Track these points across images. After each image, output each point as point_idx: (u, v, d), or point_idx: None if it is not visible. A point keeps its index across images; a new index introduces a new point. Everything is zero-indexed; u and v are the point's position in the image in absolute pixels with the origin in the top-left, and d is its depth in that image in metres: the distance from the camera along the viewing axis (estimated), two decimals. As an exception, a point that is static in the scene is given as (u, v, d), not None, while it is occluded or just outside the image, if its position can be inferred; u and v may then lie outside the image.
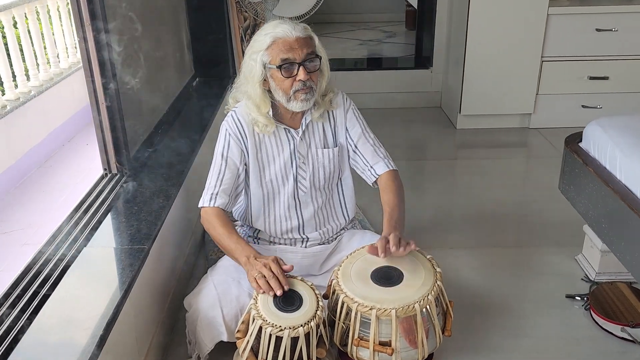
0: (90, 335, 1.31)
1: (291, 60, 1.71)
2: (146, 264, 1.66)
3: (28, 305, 1.44)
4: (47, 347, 1.32)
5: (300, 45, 1.71)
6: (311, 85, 1.75)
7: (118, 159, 2.07)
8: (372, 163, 1.93)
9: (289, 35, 1.70)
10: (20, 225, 2.83)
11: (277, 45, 1.71)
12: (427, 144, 3.76)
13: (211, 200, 1.80)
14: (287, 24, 1.74)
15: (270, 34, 1.72)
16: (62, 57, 4.44)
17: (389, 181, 1.89)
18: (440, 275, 1.68)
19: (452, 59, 3.87)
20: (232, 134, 1.85)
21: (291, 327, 1.54)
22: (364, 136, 1.94)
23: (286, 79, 1.73)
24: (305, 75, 1.72)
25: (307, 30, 1.76)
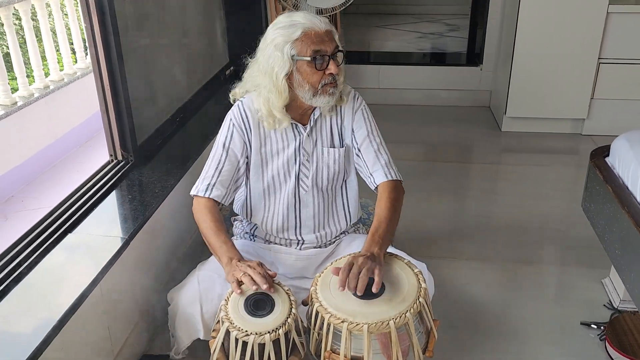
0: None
1: (323, 52, 1.64)
2: (127, 253, 1.66)
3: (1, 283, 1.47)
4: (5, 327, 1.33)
5: (330, 38, 1.65)
6: (337, 79, 1.69)
7: (123, 146, 2.08)
8: (372, 170, 1.82)
9: (319, 27, 1.63)
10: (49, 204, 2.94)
11: (308, 37, 1.63)
12: (469, 145, 3.59)
13: (207, 190, 1.75)
14: (312, 15, 1.67)
15: (299, 24, 1.64)
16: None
17: (384, 192, 1.77)
18: (425, 291, 1.56)
19: (502, 57, 3.65)
20: (237, 124, 1.79)
21: (257, 333, 1.48)
22: (368, 139, 1.82)
23: (317, 72, 1.65)
24: (336, 68, 1.66)
25: (330, 25, 1.70)
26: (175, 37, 2.57)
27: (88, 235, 1.70)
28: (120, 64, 1.99)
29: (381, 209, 1.74)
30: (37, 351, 1.27)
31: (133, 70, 2.09)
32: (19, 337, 1.31)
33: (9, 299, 1.43)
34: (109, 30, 1.94)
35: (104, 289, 1.57)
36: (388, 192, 1.77)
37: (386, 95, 4.05)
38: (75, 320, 1.42)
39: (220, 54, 3.18)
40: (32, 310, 1.40)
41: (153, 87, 2.32)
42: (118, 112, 2.03)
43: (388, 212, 1.73)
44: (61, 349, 1.37)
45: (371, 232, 1.67)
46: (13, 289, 1.46)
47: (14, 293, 1.45)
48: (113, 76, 2.00)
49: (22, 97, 3.63)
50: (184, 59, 2.67)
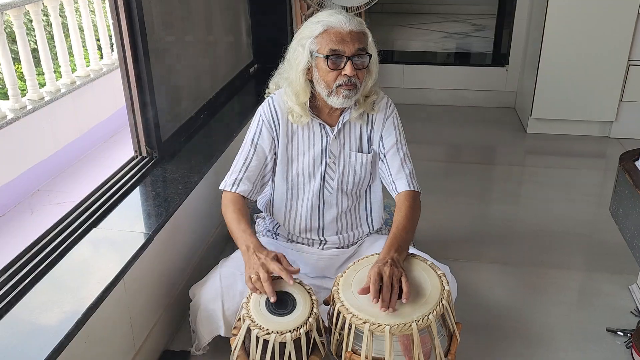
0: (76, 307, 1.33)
1: (340, 52, 1.62)
2: (150, 249, 1.67)
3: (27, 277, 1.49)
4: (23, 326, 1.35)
5: (352, 39, 1.62)
6: (356, 83, 1.66)
7: (148, 142, 2.09)
8: (395, 178, 1.80)
9: (342, 27, 1.61)
10: (74, 197, 2.99)
11: (328, 35, 1.62)
12: (494, 146, 3.54)
13: (234, 185, 1.75)
14: (343, 14, 1.64)
15: (323, 21, 1.63)
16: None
17: (405, 201, 1.76)
18: (449, 294, 1.55)
19: (529, 58, 3.59)
20: (266, 120, 1.79)
21: (278, 332, 1.48)
22: (395, 147, 1.80)
23: (331, 71, 1.64)
24: (352, 70, 1.63)
25: (362, 25, 1.66)
26: (201, 34, 2.59)
27: (112, 230, 1.72)
28: (146, 61, 2.00)
29: (401, 216, 1.73)
30: (61, 344, 1.29)
31: (158, 68, 2.10)
32: (44, 329, 1.33)
33: (35, 291, 1.45)
34: (136, 27, 1.95)
35: (128, 283, 1.58)
36: (409, 201, 1.77)
37: (410, 95, 4.02)
38: (99, 314, 1.43)
39: (245, 52, 3.19)
40: (57, 303, 1.41)
41: (178, 85, 2.33)
42: (143, 108, 2.05)
43: (407, 220, 1.72)
44: (85, 342, 1.39)
45: (390, 238, 1.66)
46: (39, 281, 1.48)
47: (40, 286, 1.47)
48: (139, 73, 2.01)
49: (49, 93, 3.69)
50: (208, 56, 2.68)
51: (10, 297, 1.41)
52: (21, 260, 1.56)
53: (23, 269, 1.52)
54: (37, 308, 1.40)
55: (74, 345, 1.32)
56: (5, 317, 1.36)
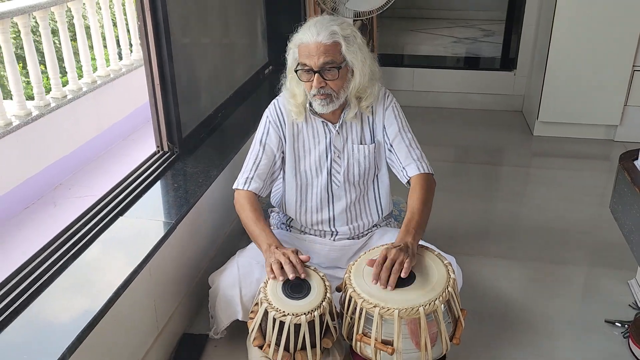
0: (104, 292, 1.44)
1: (308, 67, 1.71)
2: (172, 237, 1.77)
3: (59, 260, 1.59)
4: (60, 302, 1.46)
5: (319, 53, 1.68)
6: (328, 93, 1.74)
7: (169, 138, 2.20)
8: (404, 164, 1.88)
9: (309, 41, 1.69)
10: (94, 192, 3.11)
11: (301, 48, 1.72)
12: (501, 148, 3.62)
13: (245, 183, 1.86)
14: (316, 26, 1.71)
15: (299, 34, 1.73)
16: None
17: (417, 185, 1.84)
18: (454, 282, 1.64)
19: (536, 62, 3.68)
20: (272, 121, 1.90)
21: (294, 314, 1.58)
22: (400, 135, 1.89)
23: (305, 82, 1.75)
24: (318, 83, 1.71)
25: (335, 36, 1.70)
26: (219, 37, 2.70)
27: (138, 219, 1.83)
28: (170, 61, 2.10)
29: (414, 200, 1.81)
30: (93, 322, 1.38)
31: (180, 68, 2.20)
32: (77, 308, 1.43)
33: (67, 274, 1.55)
34: (161, 30, 2.05)
35: (152, 269, 1.68)
36: (421, 184, 1.84)
37: (420, 98, 4.11)
38: (126, 296, 1.53)
39: (260, 54, 3.29)
40: (87, 285, 1.52)
41: (197, 84, 2.44)
42: (166, 106, 2.15)
43: (421, 204, 1.79)
44: (113, 322, 1.49)
45: (405, 223, 1.75)
46: (70, 265, 1.59)
47: (71, 269, 1.57)
48: (163, 73, 2.11)
49: (71, 91, 3.82)
50: (226, 58, 2.79)
51: (44, 279, 1.51)
52: (53, 245, 1.66)
53: (55, 253, 1.62)
54: (69, 289, 1.50)
55: (104, 323, 1.42)
56: (41, 296, 1.46)
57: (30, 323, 1.38)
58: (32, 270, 1.54)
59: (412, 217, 1.76)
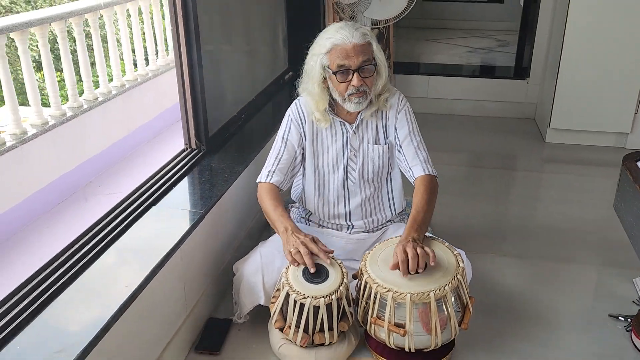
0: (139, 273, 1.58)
1: (347, 67, 1.83)
2: (201, 226, 1.91)
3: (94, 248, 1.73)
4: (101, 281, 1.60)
5: (357, 53, 1.82)
6: (365, 90, 1.87)
7: (197, 137, 2.34)
8: (411, 164, 2.00)
9: (346, 43, 1.82)
10: (122, 189, 3.28)
11: (335, 51, 1.83)
12: (513, 154, 3.72)
13: (268, 176, 2.00)
14: (348, 29, 1.84)
15: (331, 39, 1.84)
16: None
17: (421, 185, 1.96)
18: (463, 270, 1.76)
19: (548, 71, 3.79)
20: (294, 119, 2.04)
21: (313, 297, 1.71)
22: (409, 137, 2.01)
23: (341, 83, 1.87)
24: (359, 81, 1.84)
25: (366, 37, 1.85)
26: (243, 43, 2.85)
27: (169, 208, 1.97)
28: (199, 66, 2.25)
29: (418, 199, 1.93)
30: (130, 299, 1.52)
31: (208, 72, 2.34)
32: (115, 286, 1.56)
33: (108, 255, 1.69)
34: (192, 36, 2.20)
35: (183, 254, 1.82)
36: (425, 184, 1.96)
37: (434, 105, 4.23)
38: (159, 277, 1.66)
39: (281, 60, 3.44)
40: (125, 265, 1.66)
41: (223, 87, 2.59)
42: (195, 106, 2.30)
43: (425, 202, 1.92)
44: (149, 301, 1.62)
45: (410, 220, 1.87)
46: (110, 247, 1.73)
47: (111, 252, 1.71)
48: (192, 76, 2.25)
49: (102, 94, 4.01)
50: (249, 63, 2.95)
51: (88, 258, 1.66)
52: (93, 230, 1.81)
53: (95, 237, 1.77)
54: (109, 268, 1.64)
55: (140, 301, 1.55)
56: (86, 271, 1.60)
57: (78, 292, 1.52)
58: (77, 249, 1.69)
59: (417, 214, 1.88)
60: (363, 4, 3.26)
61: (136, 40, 4.41)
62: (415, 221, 1.86)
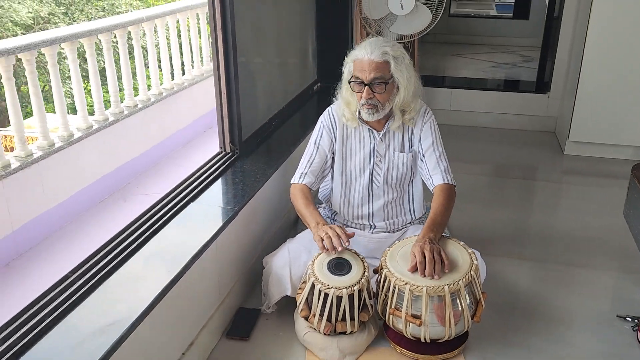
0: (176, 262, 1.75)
1: (360, 79, 2.02)
2: (234, 222, 2.08)
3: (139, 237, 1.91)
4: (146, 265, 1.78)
5: (371, 69, 1.99)
6: (375, 104, 2.03)
7: (232, 141, 2.53)
8: (432, 173, 2.15)
9: (364, 58, 2.00)
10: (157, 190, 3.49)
11: (356, 63, 2.03)
12: (533, 166, 3.83)
13: (300, 178, 2.18)
14: (370, 46, 2.01)
15: (356, 51, 2.04)
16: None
17: (440, 192, 2.10)
18: (477, 267, 1.89)
19: (568, 85, 3.89)
20: (326, 125, 2.21)
21: (337, 287, 1.86)
22: (432, 148, 2.16)
23: (356, 92, 2.06)
24: (367, 94, 2.01)
25: (385, 56, 2.00)
26: (275, 55, 3.03)
27: (206, 205, 2.15)
28: (235, 76, 2.42)
29: (437, 204, 2.08)
30: (170, 284, 1.68)
31: (243, 82, 2.52)
32: (155, 274, 1.73)
33: (150, 246, 1.86)
34: (229, 48, 2.38)
35: (218, 246, 1.99)
36: (444, 192, 2.11)
37: (457, 117, 4.37)
38: (196, 266, 1.82)
39: (310, 72, 3.62)
40: (166, 255, 1.83)
41: (256, 96, 2.77)
42: (230, 113, 2.48)
43: (442, 207, 2.07)
44: (187, 287, 1.79)
45: (428, 221, 2.01)
46: (152, 238, 1.90)
47: (153, 242, 1.88)
48: (229, 85, 2.44)
49: (141, 101, 4.25)
50: (281, 74, 3.13)
51: (133, 247, 1.84)
52: (138, 222, 1.99)
53: (139, 229, 1.95)
54: (150, 257, 1.81)
55: (179, 287, 1.71)
56: (131, 260, 1.78)
57: (124, 278, 1.69)
58: (123, 239, 1.87)
59: (435, 217, 2.02)
60: (389, 19, 3.42)
61: (174, 51, 4.66)
62: (433, 223, 2.00)
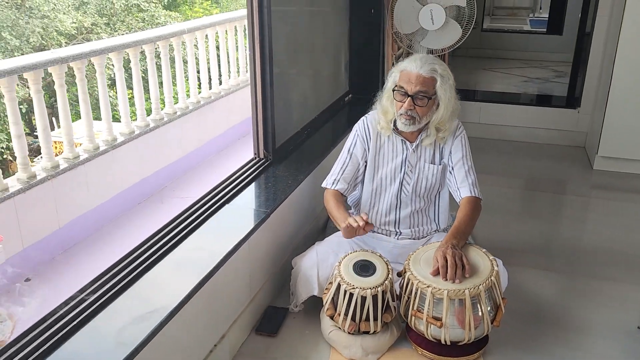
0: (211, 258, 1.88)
1: (404, 90, 2.11)
2: (266, 224, 2.20)
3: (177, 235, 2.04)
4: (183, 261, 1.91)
5: (417, 82, 2.08)
6: (413, 116, 2.12)
7: (265, 148, 2.65)
8: (459, 186, 2.23)
9: (412, 70, 2.10)
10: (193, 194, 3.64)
11: (403, 74, 2.13)
12: (561, 179, 3.86)
13: (333, 184, 2.28)
14: (421, 61, 2.11)
15: (405, 63, 2.15)
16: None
17: (467, 204, 2.18)
18: (497, 273, 1.96)
19: (598, 101, 3.92)
20: (360, 134, 2.32)
21: (361, 287, 1.96)
22: (461, 162, 2.24)
23: (397, 101, 2.15)
24: (408, 105, 2.10)
25: (434, 72, 2.09)
26: (309, 68, 3.16)
27: (240, 207, 2.27)
28: (270, 86, 2.55)
29: (462, 214, 2.16)
30: (206, 278, 1.80)
31: (277, 92, 2.64)
32: (194, 266, 1.84)
33: (188, 242, 1.99)
34: (266, 60, 2.51)
35: (251, 245, 2.11)
36: (470, 204, 2.19)
37: (486, 130, 4.42)
38: (230, 263, 1.94)
39: (342, 84, 3.74)
40: (202, 251, 1.94)
41: (290, 106, 2.90)
42: (264, 121, 2.61)
43: (467, 218, 2.14)
44: (221, 282, 1.90)
45: (452, 229, 2.10)
46: (190, 235, 2.03)
47: (192, 238, 2.01)
48: (264, 94, 2.56)
49: (180, 109, 4.45)
50: (313, 85, 3.26)
51: (173, 243, 1.97)
52: (175, 222, 2.13)
53: (177, 227, 2.08)
54: (187, 254, 1.93)
55: (213, 281, 1.83)
56: (169, 255, 1.91)
57: (164, 271, 1.82)
58: (163, 236, 2.00)
59: (459, 225, 2.10)
60: (420, 34, 3.52)
61: (212, 62, 4.85)
62: (457, 230, 2.08)
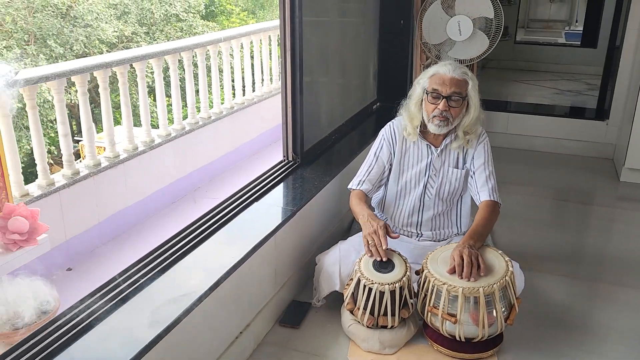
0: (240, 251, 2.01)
1: (439, 92, 2.21)
2: (292, 221, 2.31)
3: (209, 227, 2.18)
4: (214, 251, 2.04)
5: (451, 84, 2.18)
6: (447, 117, 2.21)
7: (294, 150, 2.78)
8: (479, 190, 2.31)
9: (446, 73, 2.20)
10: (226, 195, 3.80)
11: (435, 78, 2.22)
12: (588, 190, 3.88)
13: (358, 184, 2.39)
14: (452, 65, 2.22)
15: (435, 68, 2.25)
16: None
17: (485, 207, 2.26)
18: (512, 274, 2.03)
19: (627, 113, 3.93)
20: (386, 138, 2.42)
21: (380, 283, 2.05)
22: (483, 167, 2.33)
23: (430, 104, 2.24)
24: (444, 106, 2.19)
25: (465, 75, 2.20)
26: (339, 74, 3.29)
27: (268, 205, 2.40)
28: (300, 92, 2.68)
29: (480, 217, 2.24)
30: (233, 268, 1.92)
31: (307, 98, 2.77)
32: (223, 257, 1.96)
33: (218, 235, 2.12)
34: (297, 67, 2.64)
35: (277, 240, 2.23)
36: (488, 207, 2.27)
37: (514, 140, 4.46)
38: (256, 257, 2.06)
39: (370, 91, 3.85)
40: (231, 244, 2.08)
41: (319, 111, 3.02)
42: (294, 126, 2.73)
43: (485, 220, 2.22)
44: (247, 273, 2.03)
45: (469, 231, 2.18)
46: (220, 230, 2.17)
47: (223, 232, 2.14)
48: (294, 100, 2.69)
49: (215, 114, 4.63)
50: (342, 93, 3.38)
51: (204, 235, 2.10)
52: (208, 215, 2.27)
53: (209, 221, 2.22)
54: (220, 244, 2.07)
55: (241, 272, 1.95)
56: (201, 246, 2.04)
57: (196, 259, 1.96)
58: (196, 228, 2.15)
59: (476, 227, 2.18)
60: (448, 44, 3.61)
61: (246, 70, 5.04)
62: (474, 232, 2.17)
